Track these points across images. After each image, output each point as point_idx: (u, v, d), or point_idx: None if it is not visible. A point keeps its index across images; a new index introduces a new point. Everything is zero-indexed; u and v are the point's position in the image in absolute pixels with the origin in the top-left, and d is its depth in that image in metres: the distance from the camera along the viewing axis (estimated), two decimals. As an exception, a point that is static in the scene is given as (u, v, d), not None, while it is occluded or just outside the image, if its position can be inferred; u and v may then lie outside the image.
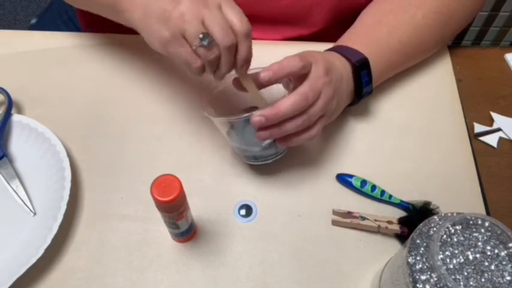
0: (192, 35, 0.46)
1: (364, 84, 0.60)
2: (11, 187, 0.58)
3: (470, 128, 0.64)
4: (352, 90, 0.60)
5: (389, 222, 0.56)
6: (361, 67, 0.58)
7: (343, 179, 0.59)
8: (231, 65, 0.49)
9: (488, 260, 0.40)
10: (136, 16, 0.51)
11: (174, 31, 0.47)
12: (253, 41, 0.65)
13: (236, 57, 0.48)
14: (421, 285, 0.40)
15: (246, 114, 0.50)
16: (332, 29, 0.65)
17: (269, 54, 0.56)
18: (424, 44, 0.65)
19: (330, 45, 0.62)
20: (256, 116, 0.49)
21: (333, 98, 0.54)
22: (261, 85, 0.52)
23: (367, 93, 0.61)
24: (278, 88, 0.55)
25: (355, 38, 0.62)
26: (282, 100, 0.49)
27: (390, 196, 0.58)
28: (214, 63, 0.48)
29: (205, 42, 0.46)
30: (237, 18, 0.46)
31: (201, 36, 0.46)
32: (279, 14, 0.69)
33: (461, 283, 0.39)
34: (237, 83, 0.53)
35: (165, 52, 0.50)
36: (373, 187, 0.58)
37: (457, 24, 0.67)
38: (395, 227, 0.55)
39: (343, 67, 0.58)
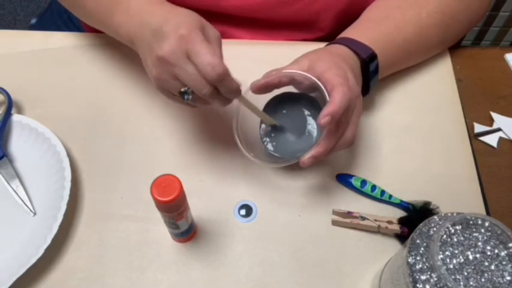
0: (174, 91, 0.49)
1: (371, 79, 0.60)
2: (11, 187, 0.58)
3: (470, 128, 0.64)
4: (361, 86, 0.59)
5: (390, 222, 0.56)
6: (370, 63, 0.58)
7: (343, 179, 0.59)
8: (220, 101, 0.49)
9: (488, 260, 0.40)
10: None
11: (157, 89, 0.51)
12: (259, 42, 0.66)
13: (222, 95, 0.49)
14: (421, 285, 0.40)
15: (294, 159, 0.52)
16: (338, 33, 0.65)
17: (274, 55, 0.56)
18: (427, 43, 0.65)
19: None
20: (307, 159, 0.50)
21: (362, 104, 0.55)
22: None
23: (373, 86, 0.61)
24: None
25: (362, 31, 0.62)
26: (327, 137, 0.50)
27: (390, 196, 0.58)
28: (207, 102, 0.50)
29: (187, 98, 0.48)
30: (205, 67, 0.45)
31: (182, 91, 0.48)
32: (287, 20, 0.69)
33: (461, 283, 0.39)
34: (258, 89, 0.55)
35: None
36: (373, 187, 0.58)
37: (460, 26, 0.66)
38: (395, 227, 0.55)
39: (355, 64, 0.57)
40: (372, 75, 0.59)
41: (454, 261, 0.40)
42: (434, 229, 0.42)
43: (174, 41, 0.46)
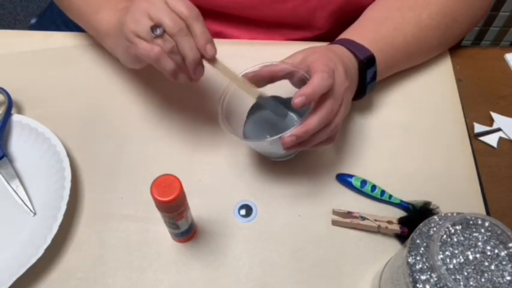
0: (144, 32, 0.48)
1: (368, 82, 0.60)
2: (11, 187, 0.58)
3: (470, 128, 0.64)
4: (357, 87, 0.60)
5: (390, 222, 0.56)
6: (367, 64, 0.58)
7: (343, 179, 0.59)
8: (192, 51, 0.49)
9: (488, 260, 0.40)
10: (109, 44, 0.58)
11: (128, 35, 0.49)
12: (257, 42, 0.65)
13: (195, 41, 0.49)
14: (421, 285, 0.40)
15: (277, 136, 0.51)
16: (336, 31, 0.65)
17: (273, 55, 0.56)
18: (427, 44, 0.65)
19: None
20: (288, 137, 0.50)
21: (350, 100, 0.55)
22: (269, 79, 0.55)
23: (370, 90, 0.62)
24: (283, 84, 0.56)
25: (362, 31, 0.62)
26: (310, 117, 0.50)
27: (390, 196, 0.58)
28: (177, 55, 0.49)
29: (157, 32, 0.48)
30: (183, 7, 0.48)
31: (151, 28, 0.48)
32: (284, 17, 0.69)
33: (461, 283, 0.39)
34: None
35: (131, 61, 0.54)
36: (373, 187, 0.58)
37: (461, 28, 0.66)
38: (395, 227, 0.55)
39: (351, 65, 0.57)
40: (370, 79, 0.60)
41: (454, 261, 0.40)
42: (434, 229, 0.42)
43: None
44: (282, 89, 0.58)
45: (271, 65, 0.55)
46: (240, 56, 0.70)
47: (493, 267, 0.39)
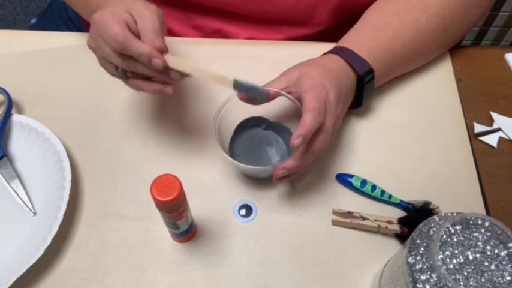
0: (112, 73, 0.54)
1: (364, 95, 0.61)
2: (11, 187, 0.58)
3: (470, 128, 0.64)
4: (353, 98, 0.61)
5: (390, 222, 0.56)
6: (365, 77, 0.59)
7: (343, 179, 0.59)
8: (148, 70, 0.50)
9: (488, 260, 0.40)
10: None
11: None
12: (258, 42, 0.65)
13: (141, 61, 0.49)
14: (421, 285, 0.40)
15: (268, 166, 0.56)
16: (336, 28, 0.65)
17: (273, 55, 0.56)
18: (426, 48, 0.65)
19: (333, 45, 0.62)
20: (280, 169, 0.52)
21: (340, 123, 0.57)
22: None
23: (366, 101, 0.63)
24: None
25: (361, 40, 0.61)
26: (303, 153, 0.52)
27: (390, 196, 0.58)
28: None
29: (120, 71, 0.52)
30: (109, 40, 0.48)
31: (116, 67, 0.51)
32: (284, 13, 0.69)
33: (461, 283, 0.39)
34: (244, 98, 0.55)
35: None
36: (373, 187, 0.58)
37: (459, 29, 0.66)
38: (396, 227, 0.55)
39: (348, 81, 0.58)
40: (366, 91, 0.60)
41: (454, 261, 0.40)
42: (434, 229, 0.42)
43: (92, 27, 0.51)
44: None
45: (268, 90, 0.55)
46: (242, 56, 0.70)
47: (493, 267, 0.39)
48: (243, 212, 0.58)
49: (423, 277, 0.40)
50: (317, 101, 0.52)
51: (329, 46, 0.62)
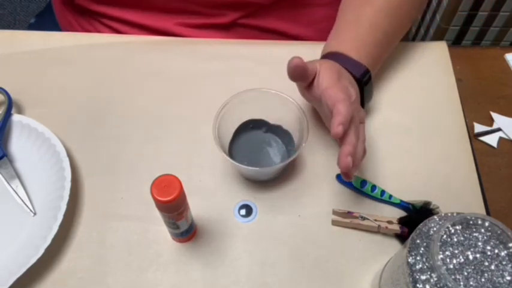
0: None
1: (365, 97, 0.61)
2: (11, 187, 0.58)
3: (470, 128, 0.64)
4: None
5: (390, 222, 0.56)
6: (363, 79, 0.59)
7: (343, 179, 0.59)
8: None
9: (488, 260, 0.40)
10: None
11: None
12: (259, 42, 0.64)
13: None
14: (421, 285, 0.40)
15: (268, 168, 0.57)
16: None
17: (273, 55, 0.56)
18: (405, 22, 0.65)
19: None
20: (336, 126, 0.49)
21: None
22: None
23: (367, 103, 0.63)
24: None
25: (344, 43, 0.61)
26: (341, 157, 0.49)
27: (390, 196, 0.58)
28: None
29: None
30: None
31: None
32: None
33: (461, 283, 0.39)
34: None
35: None
36: (373, 187, 0.58)
37: None
38: (396, 227, 0.55)
39: (353, 83, 0.58)
40: (366, 92, 0.60)
41: (454, 261, 0.40)
42: (434, 229, 0.42)
43: None
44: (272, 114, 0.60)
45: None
46: (242, 56, 0.70)
47: (493, 267, 0.39)
48: (243, 212, 0.58)
49: (423, 277, 0.40)
50: (343, 93, 0.51)
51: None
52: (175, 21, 0.72)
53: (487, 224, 0.40)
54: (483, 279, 0.39)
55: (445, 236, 0.41)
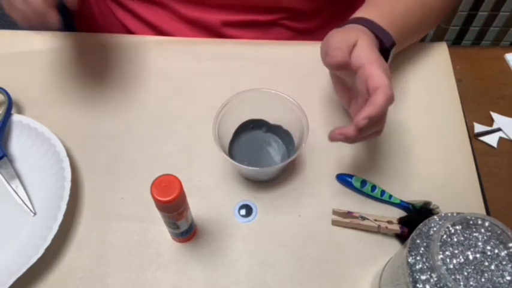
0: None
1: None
2: (11, 187, 0.58)
3: (470, 128, 0.64)
4: None
5: (390, 222, 0.56)
6: (391, 49, 0.56)
7: (343, 179, 0.59)
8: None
9: (488, 260, 0.40)
10: None
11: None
12: (258, 42, 0.64)
13: None
14: (421, 285, 0.40)
15: (268, 168, 0.57)
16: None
17: (274, 55, 0.56)
18: (433, 17, 0.65)
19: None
20: (338, 134, 0.49)
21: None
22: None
23: None
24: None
25: (380, 12, 0.58)
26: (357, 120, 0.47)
27: (390, 196, 0.58)
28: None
29: None
30: None
31: None
32: None
33: (461, 283, 0.39)
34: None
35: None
36: (373, 187, 0.58)
37: None
38: (396, 227, 0.55)
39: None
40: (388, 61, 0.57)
41: (454, 261, 0.40)
42: (434, 229, 0.42)
43: None
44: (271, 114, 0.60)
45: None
46: (242, 56, 0.70)
47: (493, 267, 0.39)
48: (243, 212, 0.58)
49: (423, 277, 0.40)
50: (387, 76, 0.47)
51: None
52: (221, 19, 0.72)
53: (487, 224, 0.40)
54: (483, 279, 0.39)
55: (445, 236, 0.41)
